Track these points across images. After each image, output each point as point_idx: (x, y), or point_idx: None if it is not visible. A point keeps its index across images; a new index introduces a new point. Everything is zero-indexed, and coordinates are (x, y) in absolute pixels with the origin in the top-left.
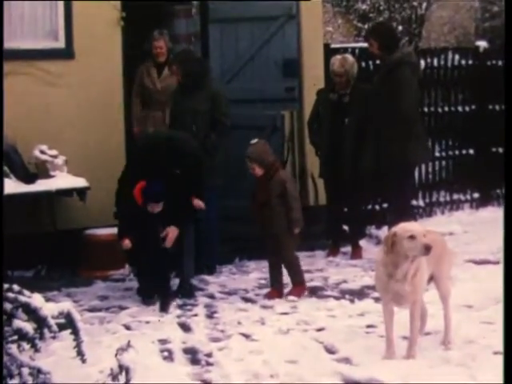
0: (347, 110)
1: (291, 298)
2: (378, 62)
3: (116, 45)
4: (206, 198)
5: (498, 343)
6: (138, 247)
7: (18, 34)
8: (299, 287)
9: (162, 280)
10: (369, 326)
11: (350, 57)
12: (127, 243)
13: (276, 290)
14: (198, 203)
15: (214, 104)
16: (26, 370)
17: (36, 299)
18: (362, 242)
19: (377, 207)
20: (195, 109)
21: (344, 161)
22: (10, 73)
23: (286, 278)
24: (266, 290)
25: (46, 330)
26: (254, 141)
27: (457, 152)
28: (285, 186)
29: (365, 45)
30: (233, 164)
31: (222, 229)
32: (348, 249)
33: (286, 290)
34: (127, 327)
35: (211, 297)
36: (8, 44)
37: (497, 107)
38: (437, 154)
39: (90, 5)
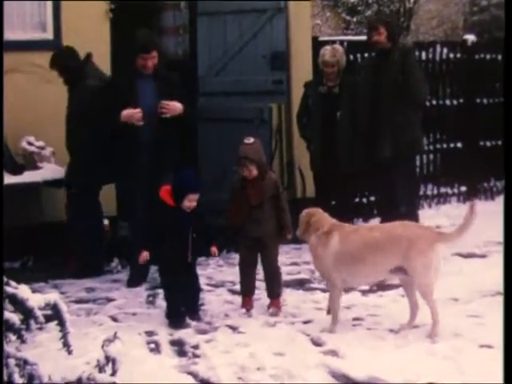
0: (338, 102)
1: (273, 310)
2: (366, 54)
3: (104, 37)
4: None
5: (485, 336)
6: (170, 263)
7: (7, 25)
8: (278, 299)
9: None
10: (355, 319)
11: (339, 47)
12: (146, 256)
13: (251, 298)
14: (215, 251)
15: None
16: (12, 361)
17: (23, 290)
18: None
19: (364, 200)
20: (70, 107)
21: (339, 154)
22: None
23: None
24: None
25: (32, 321)
26: (250, 140)
27: (444, 145)
28: (277, 187)
29: (353, 38)
30: (221, 156)
31: (210, 221)
32: None
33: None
34: (114, 319)
35: None
36: None
37: (484, 101)
38: (425, 148)
39: None
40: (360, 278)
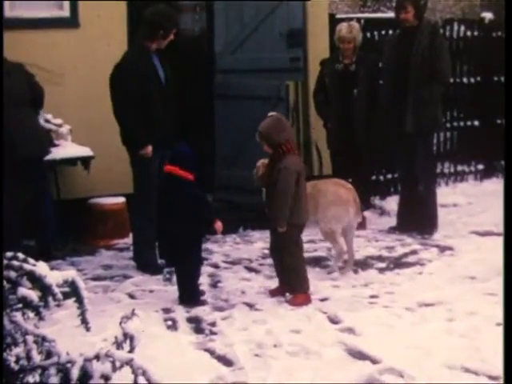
0: (354, 80)
1: (289, 306)
2: (382, 32)
3: (121, 14)
4: None
5: (501, 315)
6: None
7: (23, 2)
8: (301, 296)
9: None
10: (372, 297)
11: (356, 24)
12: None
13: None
14: (219, 225)
15: None
16: (30, 338)
17: (41, 267)
18: (366, 213)
19: (381, 178)
20: None
21: (356, 131)
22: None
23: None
24: (269, 260)
25: (50, 299)
26: (270, 114)
27: (461, 123)
28: (278, 174)
29: (370, 15)
30: (238, 134)
31: (226, 199)
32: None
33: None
34: (131, 296)
35: (215, 266)
36: (12, 13)
37: (502, 79)
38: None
39: None
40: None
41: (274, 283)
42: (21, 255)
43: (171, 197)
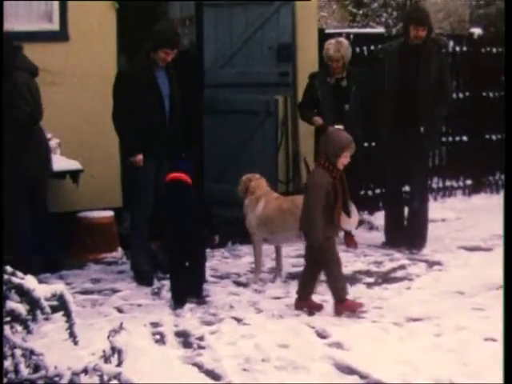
0: (346, 95)
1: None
2: (372, 47)
3: (111, 28)
4: None
5: (489, 330)
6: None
7: (13, 16)
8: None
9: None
10: (360, 311)
11: (344, 40)
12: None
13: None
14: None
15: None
16: (18, 352)
17: (29, 281)
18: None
19: (369, 193)
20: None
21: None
22: None
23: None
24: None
25: (38, 312)
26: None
27: (450, 138)
28: None
29: (360, 30)
30: (227, 148)
31: (215, 213)
32: (340, 234)
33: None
34: (119, 310)
35: None
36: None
37: (491, 94)
38: None
39: None
40: (277, 238)
41: (262, 298)
42: (9, 268)
43: (178, 201)
